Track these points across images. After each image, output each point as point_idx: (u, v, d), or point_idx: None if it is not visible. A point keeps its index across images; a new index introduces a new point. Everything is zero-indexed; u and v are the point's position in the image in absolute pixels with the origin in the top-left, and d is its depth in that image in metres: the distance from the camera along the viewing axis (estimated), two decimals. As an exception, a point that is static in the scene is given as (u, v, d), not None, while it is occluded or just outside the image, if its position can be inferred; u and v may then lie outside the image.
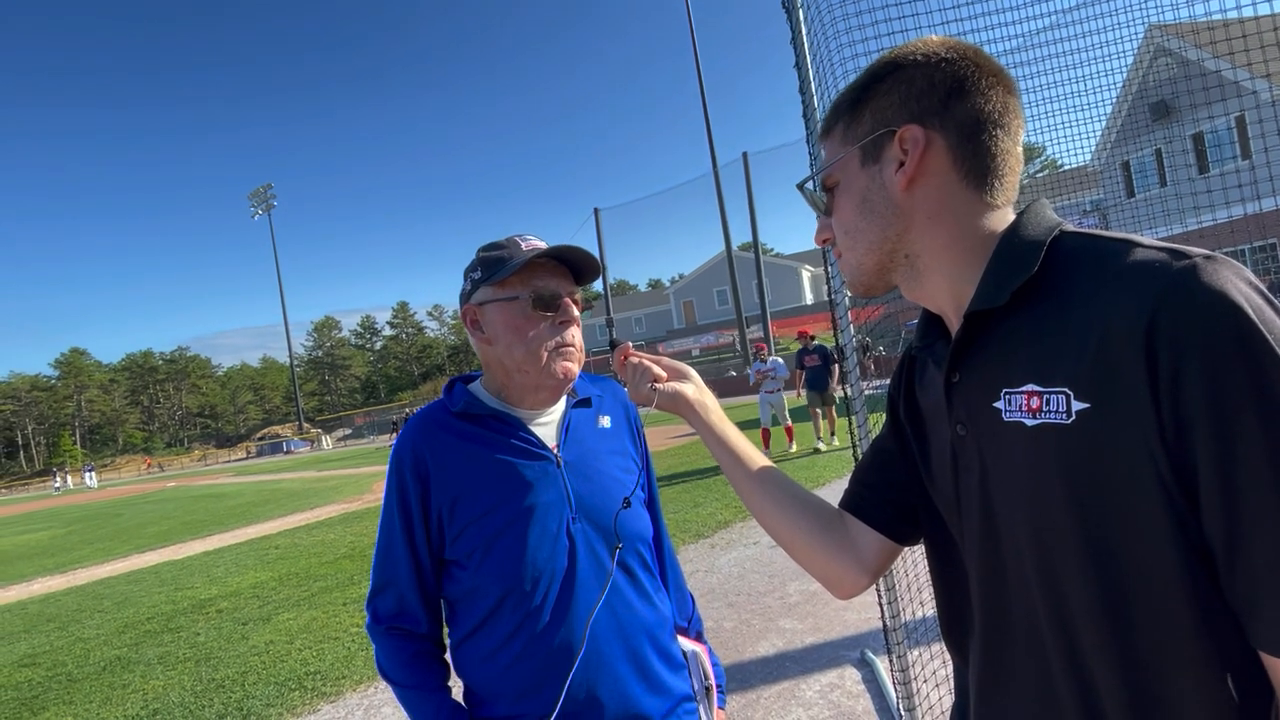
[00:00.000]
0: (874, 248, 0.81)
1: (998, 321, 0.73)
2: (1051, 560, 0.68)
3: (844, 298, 2.80)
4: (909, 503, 0.91)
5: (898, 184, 0.77)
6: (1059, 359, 0.66)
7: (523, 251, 1.23)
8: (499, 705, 1.18)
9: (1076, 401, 0.64)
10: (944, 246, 0.77)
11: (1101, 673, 0.65)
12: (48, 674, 5.42)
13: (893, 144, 0.77)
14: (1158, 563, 0.62)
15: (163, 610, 6.90)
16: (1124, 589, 0.64)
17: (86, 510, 23.11)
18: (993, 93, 0.75)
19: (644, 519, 1.33)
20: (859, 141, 0.80)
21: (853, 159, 0.81)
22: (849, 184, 0.82)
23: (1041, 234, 0.72)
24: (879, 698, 3.23)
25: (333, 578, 7.14)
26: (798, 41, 2.62)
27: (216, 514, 15.51)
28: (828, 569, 0.95)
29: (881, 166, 0.78)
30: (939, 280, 0.79)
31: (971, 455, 0.76)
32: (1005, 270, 0.72)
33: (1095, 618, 0.65)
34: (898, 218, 0.78)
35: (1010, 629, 0.75)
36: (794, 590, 4.85)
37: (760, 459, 1.03)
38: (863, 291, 0.86)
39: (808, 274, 49.82)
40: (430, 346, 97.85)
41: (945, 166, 0.76)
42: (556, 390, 1.28)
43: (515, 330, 1.22)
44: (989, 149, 0.75)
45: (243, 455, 61.71)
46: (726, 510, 7.50)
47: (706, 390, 1.10)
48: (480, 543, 1.18)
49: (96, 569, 10.30)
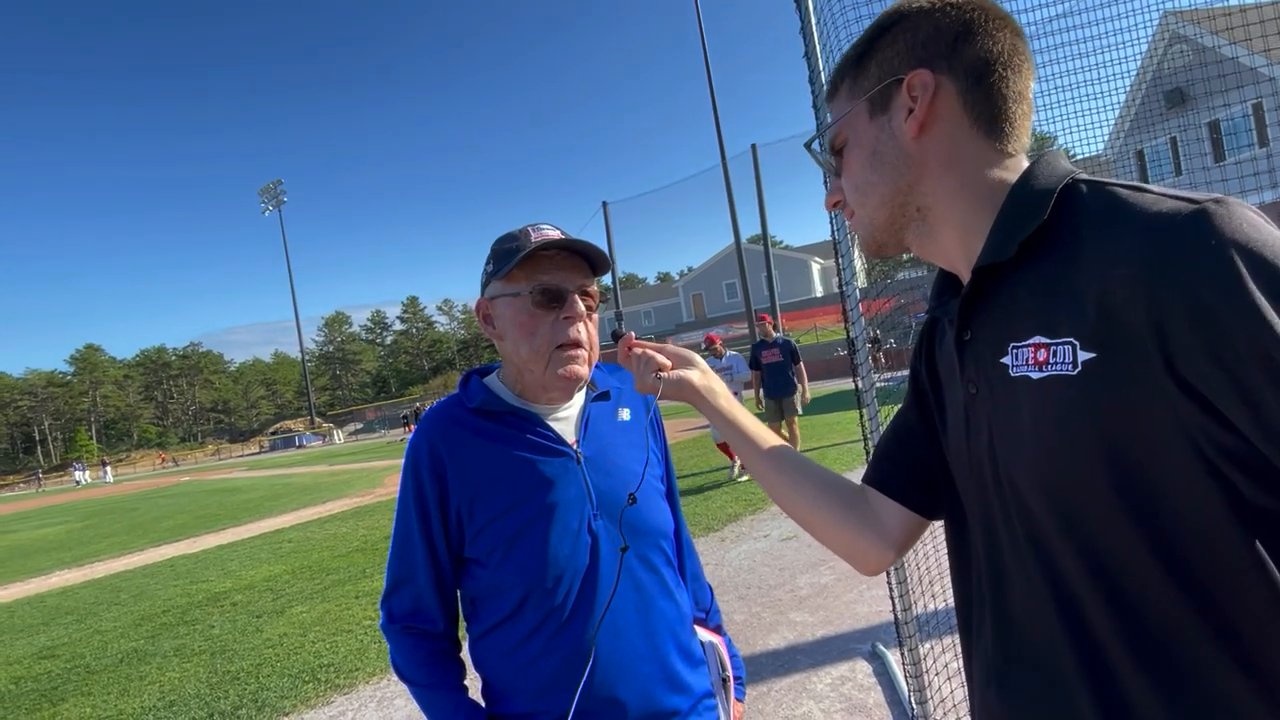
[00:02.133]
0: (886, 201, 0.79)
1: (1007, 275, 0.71)
2: (1051, 523, 0.66)
3: (854, 289, 2.78)
4: (931, 474, 0.89)
5: (908, 131, 0.75)
6: (1065, 310, 0.64)
7: (531, 242, 1.17)
8: (518, 702, 1.17)
9: (1083, 351, 0.62)
10: (956, 196, 0.75)
11: (1125, 645, 0.62)
12: (66, 666, 5.49)
13: (900, 92, 0.75)
14: (1199, 519, 0.59)
15: (178, 603, 6.98)
16: (1154, 539, 0.61)
17: (103, 504, 23.37)
18: (1000, 35, 0.73)
19: (664, 512, 1.29)
20: (866, 93, 0.78)
21: (860, 113, 0.79)
22: (858, 139, 0.80)
23: (1052, 183, 0.70)
24: (890, 690, 3.23)
25: (345, 571, 7.18)
26: (807, 32, 2.60)
27: (230, 508, 15.66)
28: (852, 545, 0.93)
29: (890, 116, 0.77)
30: (950, 233, 0.77)
31: (981, 416, 0.74)
32: (1014, 222, 0.70)
33: (1132, 571, 0.61)
34: (909, 168, 0.76)
35: (1014, 617, 0.73)
36: (804, 583, 4.84)
37: (774, 439, 1.01)
38: (875, 249, 0.84)
39: (818, 266, 49.62)
40: (440, 341, 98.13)
41: (955, 111, 0.74)
42: (567, 389, 1.24)
43: (520, 327, 1.19)
44: (999, 92, 0.73)
45: (255, 450, 62.27)
46: (736, 504, 7.50)
47: (713, 375, 1.08)
48: (501, 541, 1.16)
49: (113, 562, 10.43)
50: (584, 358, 1.21)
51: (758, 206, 34.52)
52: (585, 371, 1.22)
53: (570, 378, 1.20)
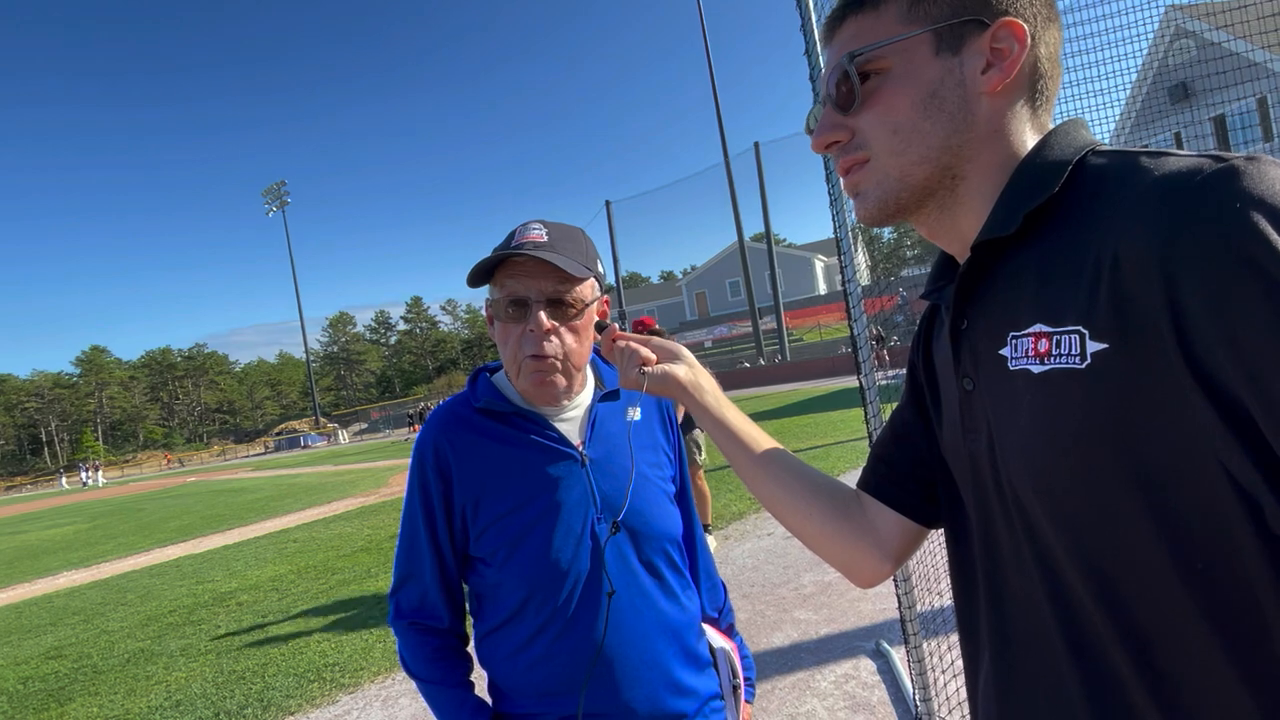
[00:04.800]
0: (928, 158, 0.66)
1: (1009, 255, 0.63)
2: (1054, 533, 0.59)
3: (856, 287, 2.78)
4: (930, 479, 0.81)
5: (984, 85, 0.64)
6: (1070, 294, 0.56)
7: (509, 248, 1.14)
8: (522, 702, 1.17)
9: (1092, 342, 0.54)
10: (991, 169, 0.66)
11: (1133, 671, 0.56)
12: (74, 665, 5.52)
13: (982, 37, 0.64)
14: (1216, 533, 0.51)
15: (184, 603, 7.00)
16: (1167, 554, 0.53)
17: (110, 505, 23.47)
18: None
19: (672, 516, 1.27)
20: (935, 22, 0.65)
21: (923, 43, 0.65)
22: (912, 73, 0.66)
23: (1068, 154, 0.62)
24: (894, 688, 3.22)
25: (350, 571, 7.20)
26: (807, 29, 2.60)
27: (236, 508, 15.70)
28: (845, 556, 0.86)
29: (963, 60, 0.64)
30: (969, 209, 0.68)
31: (979, 415, 0.67)
32: (1021, 194, 0.62)
33: (1140, 590, 0.55)
34: (969, 125, 0.65)
35: (1014, 627, 0.67)
36: (808, 581, 4.84)
37: (765, 440, 0.93)
38: (882, 217, 0.70)
39: (821, 264, 49.53)
40: (444, 341, 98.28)
41: (1025, 76, 0.65)
42: (548, 399, 1.21)
43: (499, 334, 1.19)
44: (1053, 54, 0.66)
45: (261, 450, 62.37)
46: (740, 501, 7.50)
47: (701, 370, 0.99)
48: (504, 542, 1.16)
49: (120, 563, 10.46)
50: (554, 368, 1.17)
51: (761, 204, 34.50)
52: (559, 381, 1.18)
53: (539, 388, 1.18)
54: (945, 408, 0.76)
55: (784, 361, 33.29)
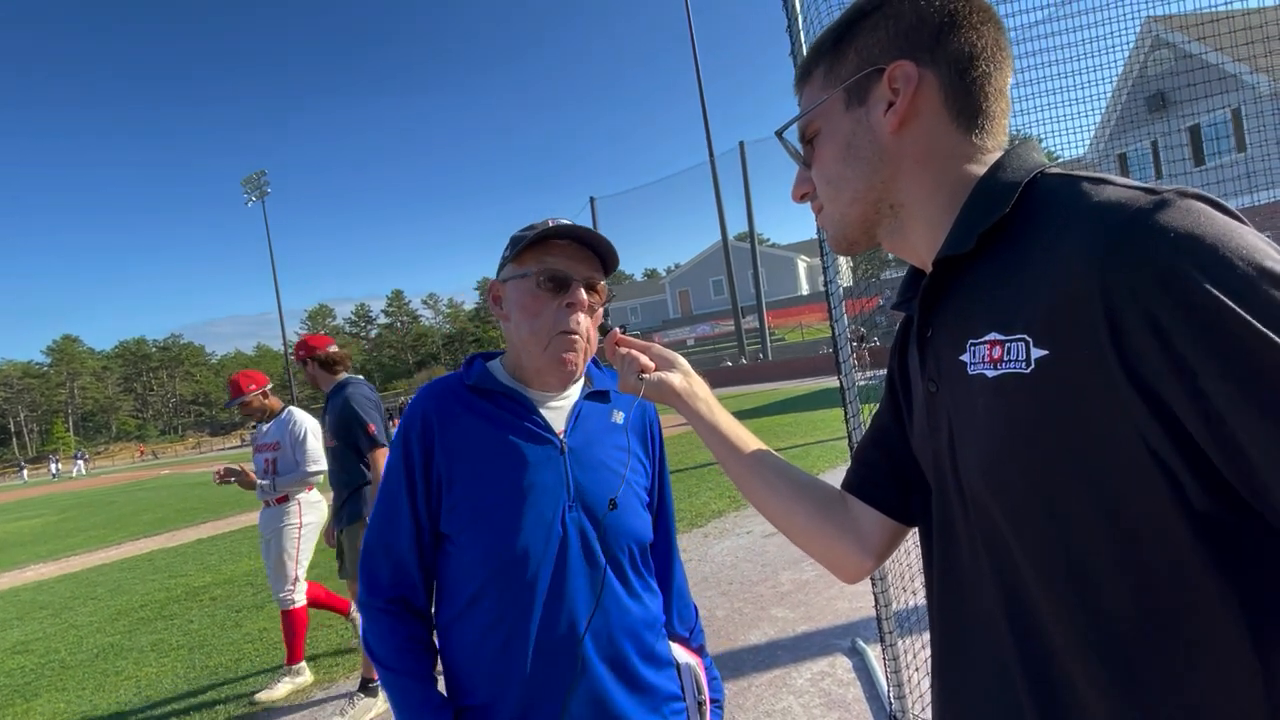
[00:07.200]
0: (859, 198, 0.76)
1: (967, 269, 0.69)
2: (1010, 534, 0.64)
3: (838, 288, 2.80)
4: (909, 479, 0.86)
5: (887, 126, 0.72)
6: (1020, 305, 0.62)
7: (549, 229, 1.20)
8: (478, 694, 1.17)
9: (1036, 348, 0.60)
10: (930, 193, 0.73)
11: (1078, 654, 0.60)
12: (41, 661, 5.42)
13: (881, 83, 0.72)
14: (1149, 519, 0.56)
15: (156, 598, 6.91)
16: (1103, 553, 0.58)
17: (80, 497, 23.04)
18: (985, 28, 0.71)
19: (643, 519, 1.28)
20: (843, 82, 0.74)
21: (836, 103, 0.76)
22: (832, 130, 0.76)
23: (1019, 176, 0.67)
24: (870, 685, 3.26)
25: (326, 565, 7.10)
26: (793, 30, 2.61)
27: (210, 501, 15.48)
28: (829, 553, 0.92)
29: (868, 109, 0.73)
30: (921, 230, 0.75)
31: (941, 416, 0.73)
32: (976, 214, 0.68)
33: (1083, 577, 0.59)
34: (885, 163, 0.74)
35: (965, 612, 0.72)
36: (786, 579, 4.87)
37: (754, 443, 1.00)
38: (845, 247, 0.81)
39: (804, 264, 49.82)
40: (425, 335, 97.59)
41: (936, 106, 0.71)
42: (562, 377, 1.24)
43: (524, 308, 1.21)
44: (982, 88, 0.71)
45: (237, 443, 61.57)
46: (720, 500, 7.54)
47: (696, 378, 1.06)
48: (471, 517, 1.16)
49: (90, 556, 10.29)
50: (581, 346, 1.22)
51: (745, 203, 34.62)
52: (580, 360, 1.23)
53: (565, 363, 1.20)
54: (915, 410, 0.82)
55: (766, 360, 33.47)
